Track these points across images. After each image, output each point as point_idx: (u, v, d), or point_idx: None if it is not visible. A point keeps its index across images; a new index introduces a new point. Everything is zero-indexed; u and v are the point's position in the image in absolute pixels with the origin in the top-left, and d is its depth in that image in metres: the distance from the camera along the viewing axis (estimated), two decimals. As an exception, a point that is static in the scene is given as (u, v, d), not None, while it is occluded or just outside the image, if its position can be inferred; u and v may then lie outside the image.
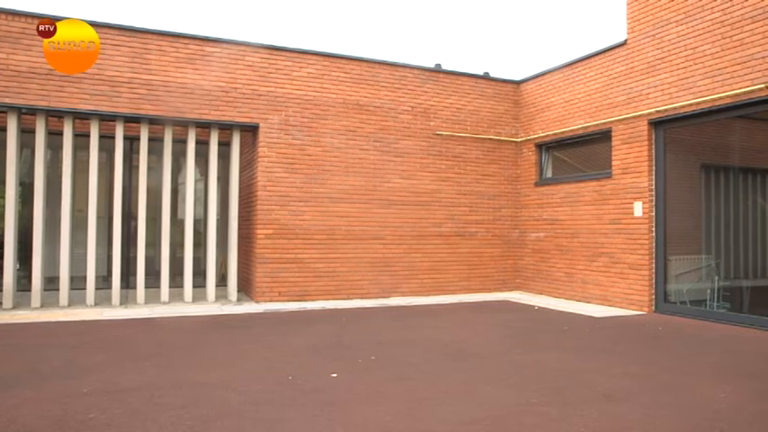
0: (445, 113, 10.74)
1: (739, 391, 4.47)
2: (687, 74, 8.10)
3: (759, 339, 6.62)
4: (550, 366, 5.32)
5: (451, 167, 10.75)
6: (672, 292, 8.61)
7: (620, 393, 4.41)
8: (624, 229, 8.98)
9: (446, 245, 10.66)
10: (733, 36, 7.54)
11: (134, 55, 8.66)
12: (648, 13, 8.74)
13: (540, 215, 10.83)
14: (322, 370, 5.00)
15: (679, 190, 8.95)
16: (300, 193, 9.50)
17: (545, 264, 10.68)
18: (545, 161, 11.08)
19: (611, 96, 9.34)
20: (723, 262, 8.98)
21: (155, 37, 8.78)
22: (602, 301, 9.31)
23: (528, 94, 11.31)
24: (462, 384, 4.64)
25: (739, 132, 9.09)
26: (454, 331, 7.21)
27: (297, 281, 9.43)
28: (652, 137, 8.72)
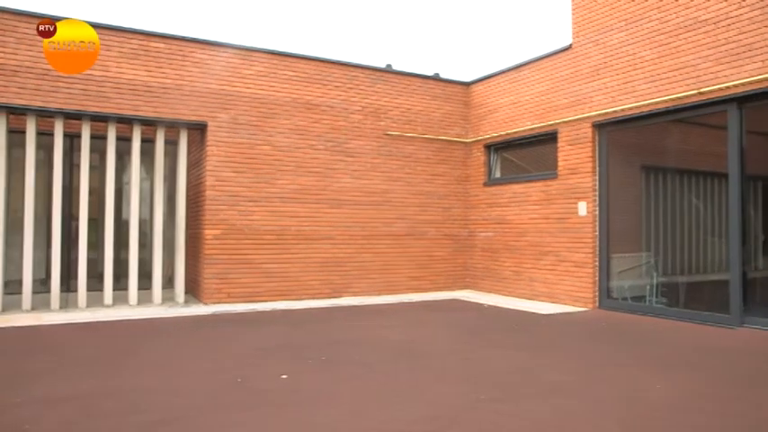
0: (396, 114, 10.78)
1: (677, 382, 4.66)
2: (629, 78, 8.39)
3: (694, 332, 6.91)
4: (500, 363, 5.41)
5: (402, 167, 10.80)
6: (614, 288, 8.90)
7: (567, 387, 4.53)
8: (569, 228, 9.22)
9: (397, 244, 10.71)
10: (670, 44, 7.86)
11: (74, 49, 8.35)
12: (592, 19, 9.01)
13: (489, 215, 11.01)
14: (272, 371, 4.95)
15: (621, 190, 9.25)
16: (250, 193, 9.36)
17: (494, 263, 10.87)
18: (494, 162, 11.27)
19: (556, 99, 9.58)
20: (661, 259, 9.34)
21: (98, 30, 8.46)
22: (549, 298, 9.54)
23: (477, 95, 11.48)
24: (413, 383, 4.67)
25: (676, 135, 9.47)
26: (405, 330, 7.25)
27: (246, 282, 9.29)
28: (596, 139, 8.99)
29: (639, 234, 9.50)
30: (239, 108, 9.34)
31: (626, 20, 8.47)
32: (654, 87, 8.04)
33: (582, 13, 9.19)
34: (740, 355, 5.76)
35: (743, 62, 7.03)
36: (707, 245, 9.65)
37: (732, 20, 7.17)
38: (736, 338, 6.58)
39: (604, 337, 6.88)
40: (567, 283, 9.25)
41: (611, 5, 8.69)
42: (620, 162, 9.22)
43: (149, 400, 4.10)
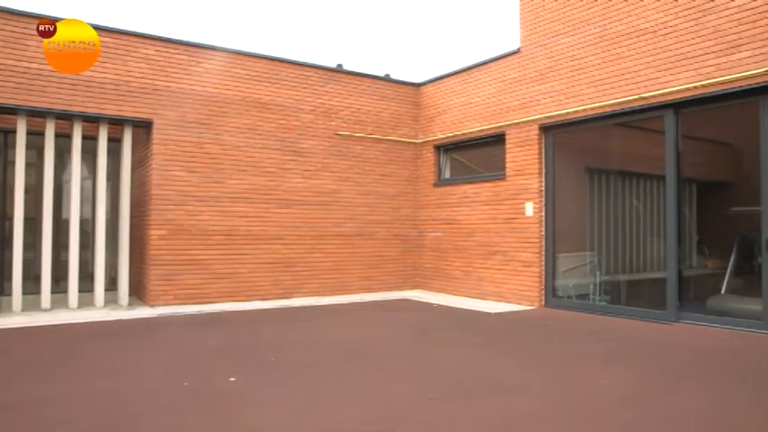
0: (347, 114, 10.76)
1: (620, 377, 4.83)
2: (574, 82, 8.63)
3: (634, 328, 7.17)
4: (450, 362, 5.48)
5: (352, 168, 10.79)
6: (560, 287, 9.14)
7: (516, 384, 4.63)
8: (517, 228, 9.42)
9: (347, 245, 10.70)
10: (612, 50, 8.13)
11: (11, 40, 7.98)
12: (540, 24, 9.23)
13: (439, 215, 11.12)
14: (220, 374, 4.85)
15: (567, 191, 9.52)
16: (198, 192, 9.16)
17: (443, 262, 10.99)
18: (443, 162, 11.40)
19: (505, 101, 9.77)
20: (604, 258, 9.66)
21: (36, 21, 8.11)
22: (497, 297, 9.71)
23: (427, 96, 11.58)
24: (364, 383, 4.67)
25: (619, 138, 9.81)
26: (355, 331, 7.25)
27: (194, 283, 9.08)
28: (542, 141, 9.21)
29: (584, 234, 9.80)
30: (187, 106, 9.12)
31: (572, 26, 8.72)
32: (598, 92, 8.30)
33: (529, 18, 9.41)
34: (675, 350, 6.01)
35: (679, 70, 7.35)
36: (646, 244, 10.05)
37: (669, 29, 7.48)
38: (673, 334, 6.86)
39: (551, 334, 7.06)
40: (514, 282, 9.44)
41: (558, 11, 8.93)
42: (566, 164, 9.49)
43: (92, 407, 3.96)
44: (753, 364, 5.40)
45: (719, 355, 5.77)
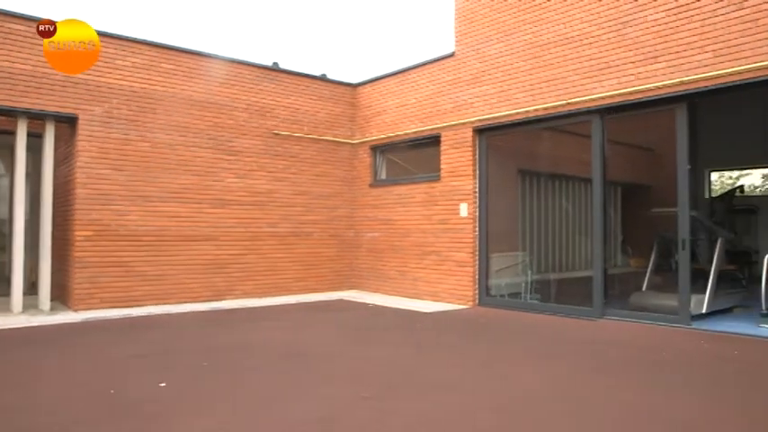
0: (282, 113, 10.64)
1: (549, 373, 5.00)
2: (506, 87, 8.86)
3: (563, 325, 7.43)
4: (384, 361, 5.51)
5: (288, 167, 10.68)
6: (493, 286, 9.36)
7: (448, 383, 4.70)
8: (451, 228, 9.58)
9: (282, 245, 10.57)
10: (542, 56, 8.40)
11: None
12: (473, 28, 9.42)
13: (375, 215, 11.17)
14: (149, 380, 4.70)
15: (499, 192, 9.76)
16: (126, 192, 8.83)
17: (379, 263, 11.04)
18: (379, 163, 11.45)
19: (440, 103, 9.92)
20: (535, 258, 9.96)
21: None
22: (432, 297, 9.84)
23: (364, 97, 11.61)
24: (298, 385, 4.63)
25: (549, 142, 10.15)
26: (290, 332, 7.18)
27: (122, 286, 8.75)
28: (476, 143, 9.40)
29: (516, 234, 10.07)
30: (114, 101, 8.77)
31: (504, 32, 8.95)
32: (528, 96, 8.55)
33: (464, 23, 9.59)
34: (600, 345, 6.27)
35: (603, 77, 7.68)
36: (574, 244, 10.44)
37: (593, 39, 7.80)
38: (598, 329, 7.16)
39: (484, 332, 7.22)
40: (449, 281, 9.59)
41: (491, 18, 9.14)
42: (499, 166, 9.72)
43: (8, 420, 3.75)
44: (669, 355, 5.69)
45: (639, 348, 6.06)
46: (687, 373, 5.04)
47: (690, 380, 4.82)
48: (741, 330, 6.80)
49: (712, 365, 5.35)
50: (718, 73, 6.64)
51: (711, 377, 4.92)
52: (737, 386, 4.62)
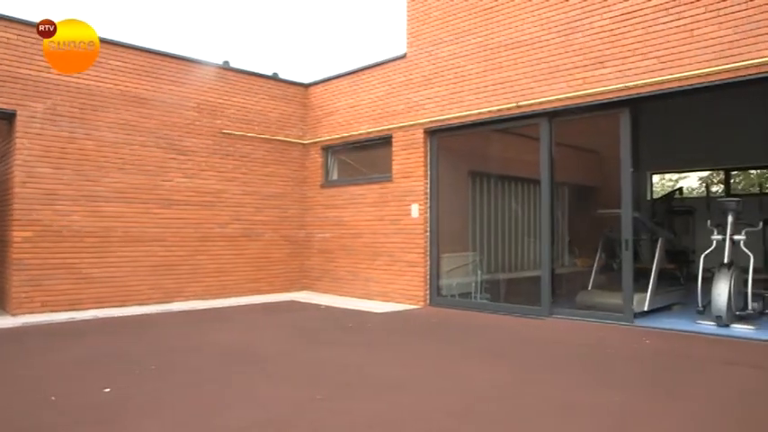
0: (233, 112, 10.45)
1: (497, 370, 5.07)
2: (457, 89, 8.96)
3: (512, 324, 7.56)
4: (336, 362, 5.48)
5: (238, 167, 10.50)
6: (444, 286, 9.44)
7: (401, 382, 4.71)
8: (403, 229, 9.61)
9: (232, 246, 10.39)
10: (493, 59, 8.53)
11: None
12: (425, 30, 9.48)
13: (326, 216, 11.11)
14: (93, 385, 4.53)
15: (450, 194, 9.85)
16: (69, 191, 8.49)
17: (331, 263, 10.98)
18: (331, 164, 11.40)
19: (391, 105, 9.94)
20: (485, 258, 10.10)
21: None
22: (384, 297, 9.85)
23: (316, 97, 11.53)
24: (248, 387, 4.55)
25: (499, 144, 10.32)
26: (241, 334, 7.06)
27: (65, 288, 8.40)
28: (427, 144, 9.47)
29: (466, 235, 10.19)
30: (57, 98, 8.43)
31: (455, 34, 9.04)
32: (479, 98, 8.66)
33: (416, 25, 9.64)
34: (547, 343, 6.41)
35: (552, 81, 7.85)
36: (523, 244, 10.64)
37: (543, 43, 7.97)
38: (546, 328, 7.31)
39: (434, 332, 7.27)
40: (400, 282, 9.63)
41: (443, 20, 9.22)
42: (450, 167, 9.82)
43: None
44: (613, 352, 5.86)
45: (585, 346, 6.21)
46: (629, 369, 5.20)
47: (631, 375, 4.97)
48: (680, 327, 7.07)
49: (653, 361, 5.53)
50: (659, 79, 6.89)
51: (652, 372, 5.09)
52: (676, 380, 4.80)
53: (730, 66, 6.39)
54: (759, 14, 6.25)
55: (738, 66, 6.34)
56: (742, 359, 5.57)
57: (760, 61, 6.21)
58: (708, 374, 4.98)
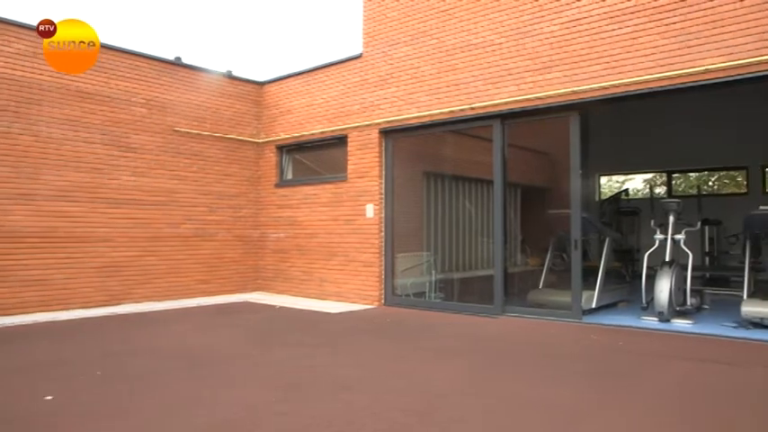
0: (185, 110, 10.25)
1: (450, 369, 5.14)
2: (412, 90, 9.03)
3: (466, 323, 7.67)
4: (291, 363, 5.45)
5: (190, 166, 10.30)
6: (398, 286, 9.50)
7: (354, 382, 4.72)
8: (358, 229, 9.63)
9: (184, 246, 10.19)
10: (447, 61, 8.64)
11: None
12: (381, 31, 9.52)
13: (281, 216, 11.02)
14: (32, 394, 4.37)
15: (405, 194, 9.92)
16: (6, 189, 8.15)
17: (285, 264, 10.90)
18: (285, 163, 11.31)
19: (347, 104, 9.94)
20: (440, 257, 10.21)
21: None
22: (339, 297, 9.84)
23: (270, 96, 11.42)
24: (200, 391, 4.48)
25: (453, 145, 10.45)
26: (193, 336, 6.93)
27: (3, 292, 8.02)
28: (382, 145, 9.51)
29: (421, 235, 10.28)
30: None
31: (411, 36, 9.11)
32: (434, 100, 8.76)
33: (372, 26, 9.67)
34: (501, 341, 6.54)
35: (504, 84, 8.01)
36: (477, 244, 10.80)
37: (496, 47, 8.12)
38: (499, 326, 7.45)
39: (389, 332, 7.31)
40: (355, 282, 9.64)
41: (398, 21, 9.28)
42: (405, 167, 9.89)
43: None
44: (562, 349, 6.03)
45: (535, 343, 6.37)
46: (578, 365, 5.36)
47: (580, 370, 5.13)
48: (625, 323, 7.32)
49: (600, 356, 5.72)
50: (605, 84, 7.12)
51: (599, 367, 5.26)
52: (621, 374, 4.97)
53: (670, 74, 6.67)
54: (695, 26, 6.55)
55: (677, 74, 6.62)
56: (681, 353, 5.82)
57: (696, 70, 6.50)
58: (650, 368, 5.18)
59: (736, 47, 6.29)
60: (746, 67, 6.23)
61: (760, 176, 12.77)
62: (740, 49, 6.26)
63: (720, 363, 5.41)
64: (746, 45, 6.22)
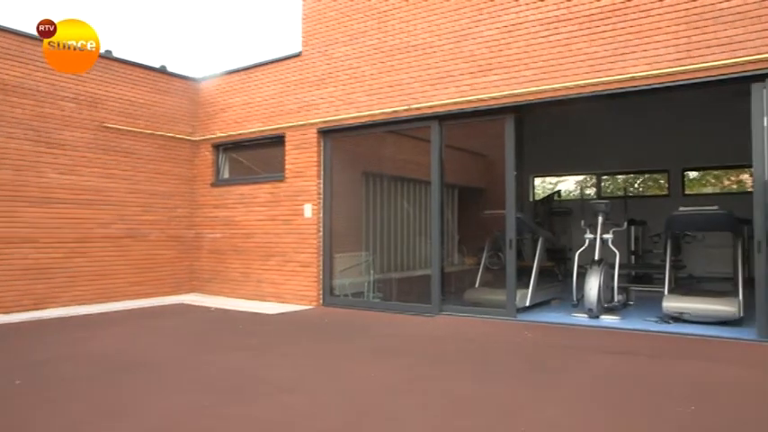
0: (116, 105, 9.87)
1: (388, 368, 5.18)
2: (351, 90, 9.03)
3: (404, 322, 7.73)
4: (227, 366, 5.35)
5: (122, 164, 9.94)
6: (337, 286, 9.48)
7: (293, 384, 4.68)
8: (295, 229, 9.55)
9: (115, 247, 9.81)
10: (386, 62, 8.69)
11: None
12: (320, 30, 9.48)
13: (217, 216, 10.79)
14: (-51, 402, 4.12)
15: (344, 194, 9.91)
16: None
17: (222, 264, 10.68)
18: (222, 162, 11.09)
19: (285, 103, 9.84)
20: (378, 257, 10.26)
21: None
22: (276, 298, 9.73)
23: (207, 93, 11.16)
24: (131, 397, 4.34)
25: (392, 145, 10.51)
26: (123, 341, 6.69)
27: None
28: (321, 144, 9.47)
29: (360, 235, 10.29)
30: None
31: (350, 35, 9.11)
32: (372, 100, 8.79)
33: (311, 24, 9.61)
34: (437, 340, 6.63)
35: (443, 86, 8.13)
36: (415, 244, 10.91)
37: (435, 49, 8.23)
38: (436, 325, 7.55)
39: (327, 332, 7.29)
40: (293, 282, 9.55)
41: (338, 20, 9.26)
42: (344, 167, 9.87)
43: None
44: (497, 345, 6.18)
45: (471, 341, 6.50)
46: (512, 361, 5.51)
47: (514, 366, 5.27)
48: (557, 320, 7.58)
49: (533, 352, 5.89)
50: (541, 88, 7.34)
51: (532, 363, 5.42)
52: (553, 369, 5.14)
53: (600, 80, 6.95)
54: (623, 36, 6.85)
55: (607, 80, 6.91)
56: (609, 347, 6.07)
57: (623, 77, 6.81)
58: (580, 362, 5.38)
59: (659, 56, 6.62)
60: (668, 76, 6.57)
61: (680, 179, 13.48)
62: (663, 58, 6.59)
63: (643, 355, 5.68)
64: (668, 55, 6.56)
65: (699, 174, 14.39)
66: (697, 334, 6.48)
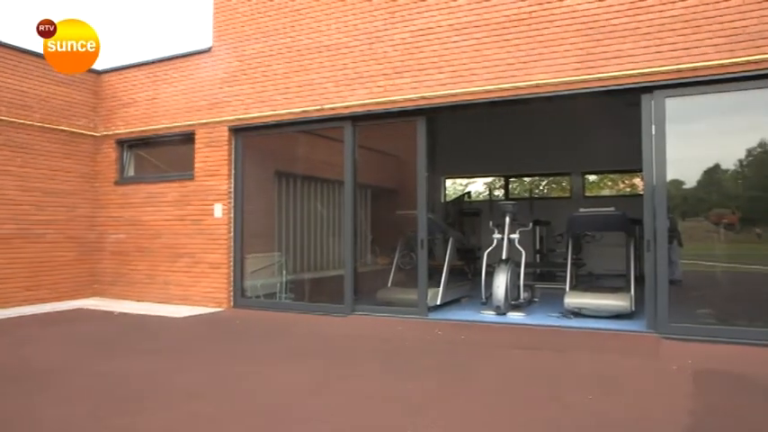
0: (6, 96, 9.18)
1: (300, 369, 5.14)
2: (263, 88, 8.88)
3: (316, 323, 7.69)
4: (128, 373, 5.12)
5: (13, 160, 9.25)
6: (248, 287, 9.29)
7: (200, 390, 4.55)
8: (205, 229, 9.27)
9: (6, 249, 9.12)
10: (299, 61, 8.62)
11: None
12: (232, 25, 9.25)
13: (121, 215, 10.28)
14: None
15: (256, 193, 9.73)
16: None
17: (126, 266, 10.19)
18: (127, 159, 10.58)
19: (195, 100, 9.53)
20: (291, 258, 10.15)
21: None
22: (185, 301, 9.41)
23: (110, 86, 10.61)
24: (18, 409, 4.05)
25: (305, 145, 10.43)
26: (14, 350, 6.24)
27: None
28: (232, 142, 9.25)
29: (272, 235, 10.14)
30: None
31: (263, 33, 8.96)
32: (284, 99, 8.69)
33: (222, 19, 9.36)
34: (350, 340, 6.65)
35: (355, 87, 8.16)
36: (328, 244, 10.89)
37: (348, 50, 8.25)
38: (348, 325, 7.58)
39: (238, 335, 7.13)
40: (202, 284, 9.27)
41: (250, 17, 9.08)
42: (256, 167, 9.69)
43: None
44: (409, 344, 6.28)
45: (383, 339, 6.57)
46: (424, 358, 5.63)
47: (426, 364, 5.39)
48: (467, 317, 7.80)
49: (444, 349, 6.04)
50: (451, 92, 7.53)
51: (443, 360, 5.56)
52: (463, 365, 5.30)
53: (508, 85, 7.22)
54: (528, 45, 7.15)
55: (514, 86, 7.19)
56: (515, 342, 6.33)
57: (529, 84, 7.11)
58: (488, 358, 5.57)
59: (561, 65, 6.96)
60: (569, 84, 6.93)
61: (581, 182, 14.24)
62: (565, 67, 6.94)
63: (546, 349, 5.96)
64: (569, 65, 6.91)
65: (598, 177, 15.27)
66: (594, 327, 6.89)
